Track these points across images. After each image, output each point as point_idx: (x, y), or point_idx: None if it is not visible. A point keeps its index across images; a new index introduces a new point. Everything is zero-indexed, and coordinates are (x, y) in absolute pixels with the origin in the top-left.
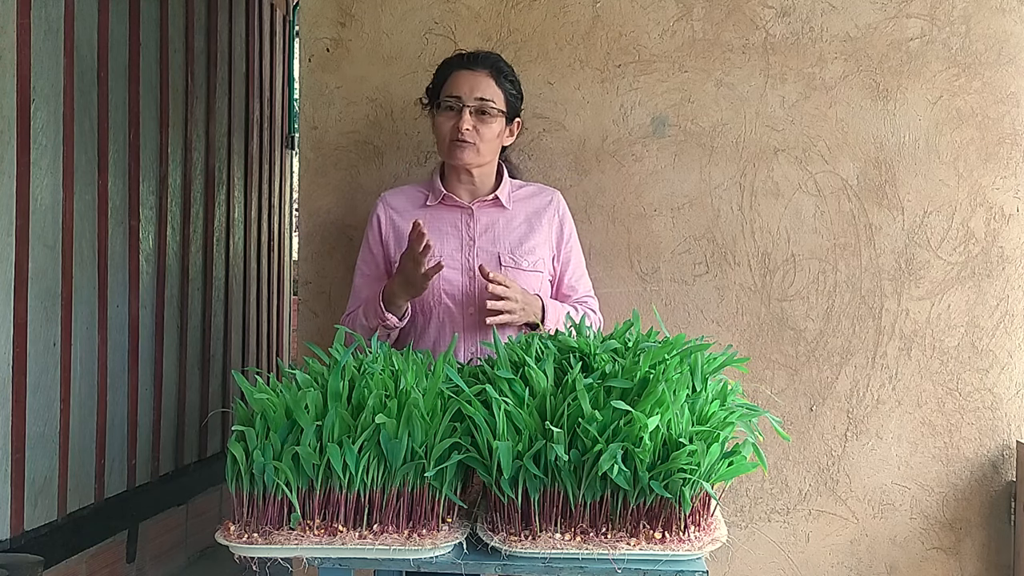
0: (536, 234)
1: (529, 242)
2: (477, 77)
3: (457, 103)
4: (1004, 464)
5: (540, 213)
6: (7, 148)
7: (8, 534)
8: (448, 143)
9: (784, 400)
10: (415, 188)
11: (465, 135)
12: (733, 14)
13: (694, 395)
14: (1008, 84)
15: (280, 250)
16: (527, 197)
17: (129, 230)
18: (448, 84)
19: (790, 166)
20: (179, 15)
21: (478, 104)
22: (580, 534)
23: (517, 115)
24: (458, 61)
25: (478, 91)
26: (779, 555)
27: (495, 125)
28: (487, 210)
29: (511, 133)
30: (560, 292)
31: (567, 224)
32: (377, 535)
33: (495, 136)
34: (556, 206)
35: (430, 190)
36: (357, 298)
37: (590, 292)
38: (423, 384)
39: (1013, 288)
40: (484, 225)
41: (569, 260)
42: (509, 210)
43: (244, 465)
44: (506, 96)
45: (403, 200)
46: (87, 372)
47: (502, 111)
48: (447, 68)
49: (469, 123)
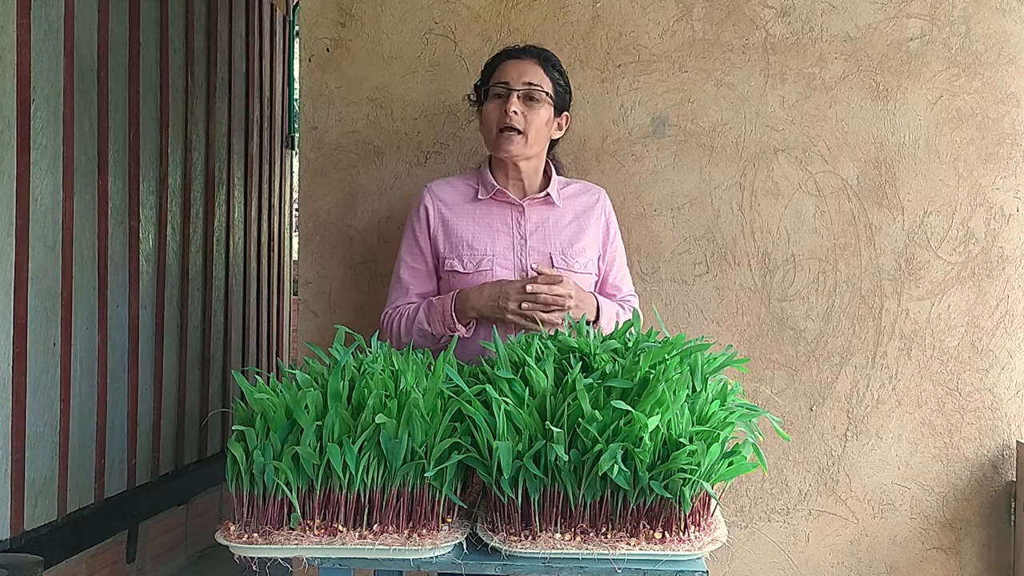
0: (585, 234)
1: (580, 243)
2: (524, 64)
3: (505, 88)
4: (1004, 464)
5: (588, 212)
6: (7, 148)
7: (8, 534)
8: (496, 134)
9: (784, 400)
10: (462, 180)
11: (512, 119)
12: (733, 14)
13: (694, 395)
14: (1008, 84)
15: (280, 250)
16: (575, 195)
17: (129, 230)
18: (496, 73)
19: (790, 166)
20: (179, 15)
21: (526, 89)
22: (580, 534)
23: (566, 108)
24: (505, 53)
25: (526, 76)
26: (779, 555)
27: (543, 111)
28: (538, 208)
29: (559, 127)
30: (604, 291)
31: (612, 223)
32: (377, 535)
33: (543, 123)
34: (603, 205)
35: (480, 183)
36: (405, 292)
37: (632, 291)
38: (423, 384)
39: (1013, 288)
40: (535, 224)
41: (615, 259)
42: (559, 208)
43: (244, 465)
44: (554, 84)
45: (452, 193)
46: (87, 372)
47: (550, 97)
48: (495, 60)
49: (517, 106)
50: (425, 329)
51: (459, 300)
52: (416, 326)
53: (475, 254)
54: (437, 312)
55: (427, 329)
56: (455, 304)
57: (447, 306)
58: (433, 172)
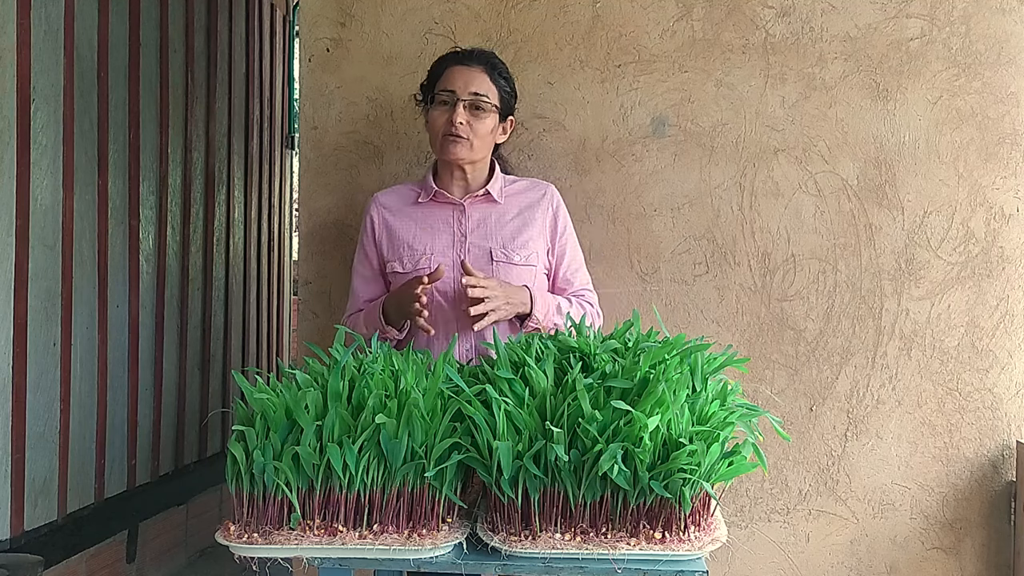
0: (529, 228)
1: (522, 236)
2: (472, 72)
3: (451, 97)
4: (1004, 464)
5: (534, 207)
6: (7, 148)
7: (8, 534)
8: (441, 138)
9: (784, 400)
10: (407, 187)
11: (459, 129)
12: (733, 14)
13: (694, 395)
14: (1008, 84)
15: (280, 250)
16: (520, 191)
17: (129, 230)
18: (442, 79)
19: (790, 166)
20: (179, 15)
21: (472, 99)
22: (580, 534)
23: (511, 113)
24: (453, 57)
25: (472, 86)
26: (779, 555)
27: (488, 120)
28: (479, 205)
29: (504, 131)
30: (556, 286)
31: (561, 217)
32: (377, 535)
33: (488, 131)
34: (550, 199)
35: (422, 188)
36: (356, 300)
37: (587, 286)
38: (423, 384)
39: (1013, 288)
40: (476, 221)
41: (564, 253)
42: (501, 204)
43: (244, 465)
44: (500, 92)
45: (395, 198)
46: (87, 372)
47: (496, 107)
48: (441, 64)
49: (463, 117)
50: (364, 334)
51: (386, 303)
52: (359, 329)
53: (414, 254)
54: (372, 317)
55: (364, 332)
56: (383, 307)
57: (376, 311)
58: None
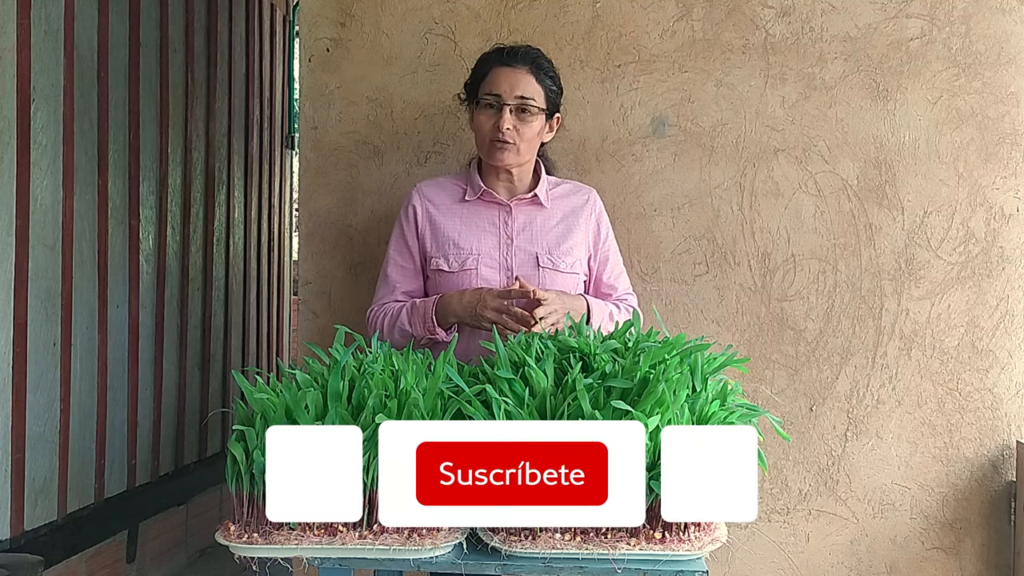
0: (574, 234)
1: (567, 243)
2: (517, 74)
3: (497, 101)
4: (1004, 464)
5: (577, 212)
6: (7, 148)
7: (8, 534)
8: (488, 143)
9: (784, 400)
10: (451, 181)
11: (506, 135)
12: (733, 14)
13: (694, 395)
14: (1008, 84)
15: (280, 250)
16: (564, 195)
17: (129, 230)
18: (487, 81)
19: (790, 166)
20: (179, 15)
21: (518, 103)
22: (580, 534)
23: (557, 110)
24: (497, 57)
25: (518, 89)
26: (779, 555)
27: (535, 123)
28: (525, 208)
29: (551, 129)
30: (599, 291)
31: (604, 223)
32: (377, 535)
33: (535, 135)
34: (593, 205)
35: (468, 184)
36: (391, 289)
37: (629, 290)
38: (423, 384)
39: (1013, 288)
40: (522, 224)
41: (607, 259)
42: (547, 209)
43: (244, 465)
44: (546, 92)
45: (440, 193)
46: (87, 372)
47: (542, 108)
48: (486, 64)
49: (510, 122)
50: (406, 330)
51: (440, 304)
52: (398, 326)
53: (461, 253)
54: (419, 314)
55: (408, 330)
56: (436, 308)
57: (428, 310)
58: (433, 172)
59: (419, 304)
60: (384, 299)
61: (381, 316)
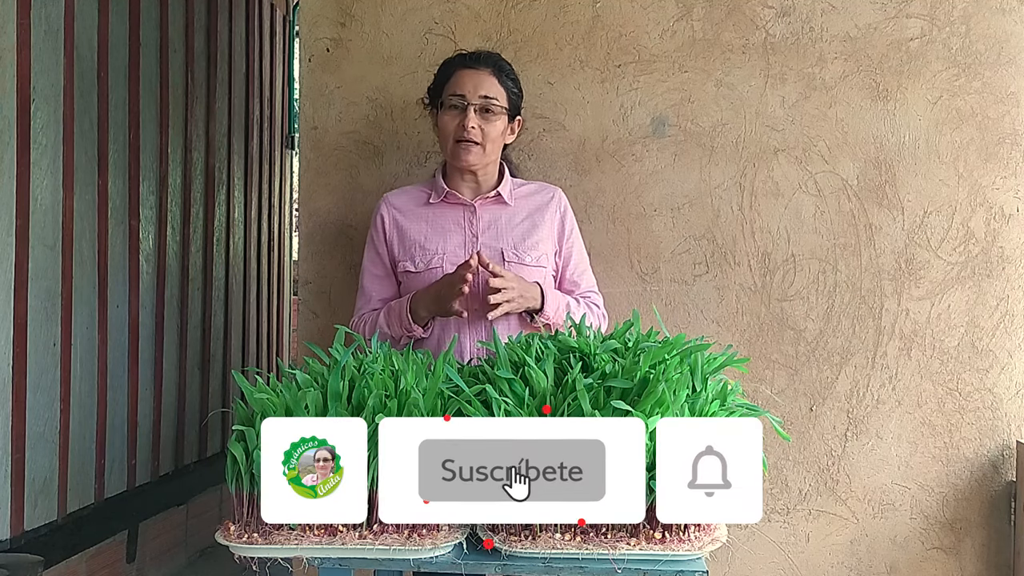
0: (539, 230)
1: (532, 238)
2: (480, 75)
3: (461, 101)
4: (1004, 464)
5: (542, 209)
6: (7, 148)
7: (8, 534)
8: (452, 143)
9: (784, 400)
10: (417, 188)
11: (471, 133)
12: (733, 14)
13: (694, 395)
14: (1008, 84)
15: (280, 250)
16: (529, 194)
17: (129, 230)
18: (451, 83)
19: (790, 166)
20: (179, 15)
21: (482, 102)
22: (580, 534)
23: (518, 113)
24: (460, 60)
25: (482, 89)
26: (779, 555)
27: (499, 123)
28: (489, 207)
29: (512, 131)
30: (563, 287)
31: (568, 220)
32: (377, 535)
33: (499, 134)
34: (558, 202)
35: (432, 188)
36: (368, 299)
37: (593, 288)
38: (423, 384)
39: (1013, 288)
40: (487, 222)
41: (571, 255)
42: (511, 206)
43: (244, 465)
44: (508, 94)
45: (405, 199)
46: (87, 372)
47: (505, 109)
48: (449, 67)
49: (474, 121)
50: (385, 332)
51: (413, 301)
52: (378, 331)
53: (426, 254)
54: (395, 315)
55: (387, 332)
56: (410, 305)
57: (403, 308)
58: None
59: (394, 305)
60: (362, 309)
61: (361, 325)
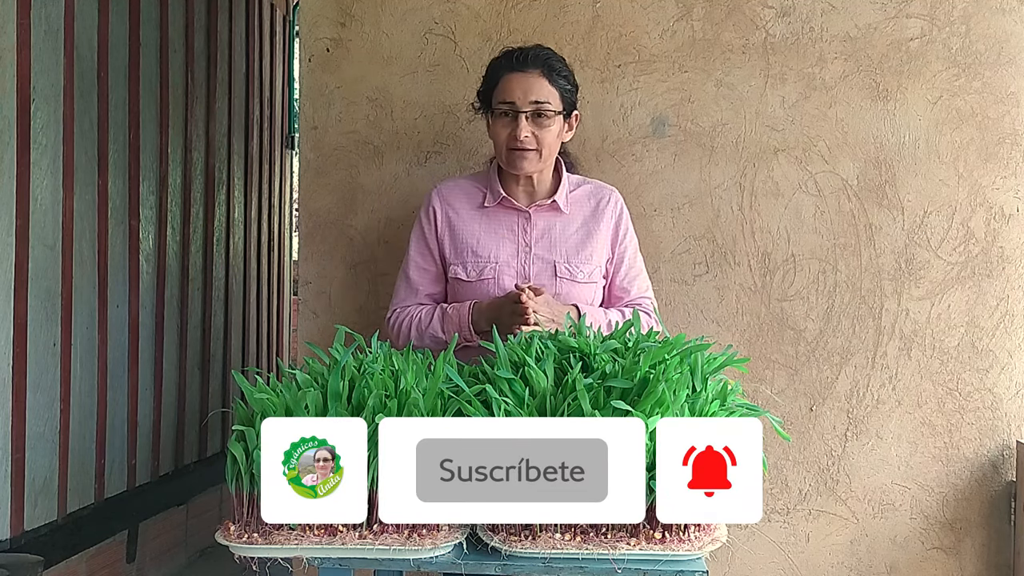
0: (593, 239)
1: (586, 249)
2: (529, 79)
3: (511, 109)
4: (1004, 464)
5: (598, 216)
6: (7, 148)
7: (8, 534)
8: (507, 152)
9: (784, 400)
10: (472, 184)
11: (524, 143)
12: (733, 14)
13: (694, 395)
14: (1008, 84)
15: (280, 250)
16: (584, 198)
17: (129, 230)
18: (500, 89)
19: (790, 166)
20: (179, 15)
21: (534, 108)
22: (580, 534)
23: (574, 108)
24: (507, 62)
25: (532, 94)
26: (779, 555)
27: (554, 127)
28: (544, 214)
29: (570, 128)
30: (612, 295)
31: (623, 224)
32: (377, 535)
33: (555, 138)
34: (614, 206)
35: (487, 189)
36: (414, 291)
37: (644, 294)
38: (423, 384)
39: (1013, 288)
40: (541, 230)
41: (622, 260)
42: (566, 214)
43: (244, 465)
44: (561, 93)
45: (460, 197)
46: (87, 372)
47: (559, 111)
48: (497, 71)
49: (527, 130)
50: (440, 337)
51: (475, 312)
52: (429, 332)
53: (479, 261)
54: (453, 322)
55: (442, 337)
56: (472, 316)
57: (464, 318)
58: (433, 172)
59: (451, 312)
60: (406, 301)
61: (406, 320)
